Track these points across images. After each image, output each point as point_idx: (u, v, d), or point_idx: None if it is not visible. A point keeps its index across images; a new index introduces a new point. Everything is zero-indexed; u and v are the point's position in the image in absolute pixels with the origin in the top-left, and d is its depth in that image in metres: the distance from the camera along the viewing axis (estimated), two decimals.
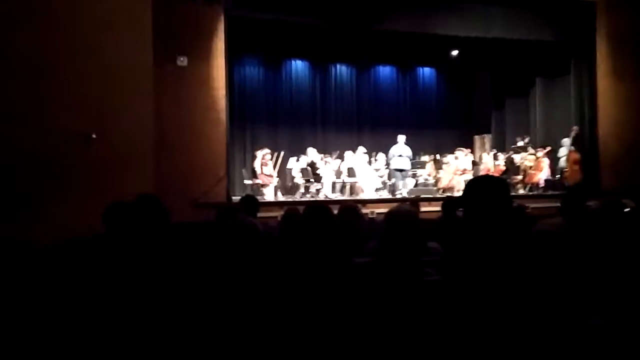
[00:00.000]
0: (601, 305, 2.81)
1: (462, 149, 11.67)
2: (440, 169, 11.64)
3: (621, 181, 9.36)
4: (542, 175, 10.82)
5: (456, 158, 11.34)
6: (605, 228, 3.64)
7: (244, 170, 11.22)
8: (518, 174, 10.93)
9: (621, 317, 2.62)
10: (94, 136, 6.43)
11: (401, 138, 10.46)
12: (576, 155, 10.37)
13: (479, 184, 1.90)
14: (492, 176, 2.10)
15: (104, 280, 1.91)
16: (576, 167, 10.34)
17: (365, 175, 10.56)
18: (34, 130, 6.01)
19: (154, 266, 1.97)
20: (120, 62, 6.73)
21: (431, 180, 11.48)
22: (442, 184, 11.15)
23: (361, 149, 11.02)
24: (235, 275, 1.99)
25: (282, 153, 10.71)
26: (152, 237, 2.04)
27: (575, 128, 10.53)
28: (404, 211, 2.06)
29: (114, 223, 2.00)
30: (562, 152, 10.76)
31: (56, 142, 6.15)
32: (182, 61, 8.08)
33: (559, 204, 3.90)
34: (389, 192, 10.71)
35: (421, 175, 11.51)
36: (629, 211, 4.34)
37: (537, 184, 10.83)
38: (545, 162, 10.88)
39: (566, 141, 10.67)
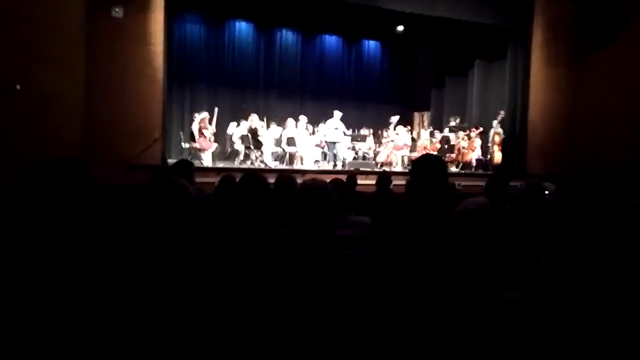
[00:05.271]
0: (517, 280, 3.01)
1: (402, 125, 11.91)
2: (380, 143, 11.86)
3: (546, 165, 9.95)
4: (474, 155, 11.30)
5: (397, 134, 11.56)
6: (526, 208, 3.89)
7: (181, 133, 10.88)
8: (452, 152, 11.34)
9: (535, 291, 2.82)
10: (17, 87, 5.97)
11: (337, 113, 10.47)
12: (498, 137, 10.96)
13: (424, 162, 2.00)
14: (437, 156, 2.19)
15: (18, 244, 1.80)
16: (498, 149, 10.93)
17: (306, 145, 10.56)
18: None
19: (76, 229, 1.88)
20: (50, 9, 6.23)
21: (371, 154, 11.68)
22: (381, 158, 11.37)
23: (303, 119, 10.96)
24: (161, 237, 1.94)
25: (216, 109, 10.36)
26: (75, 199, 1.93)
27: (501, 112, 11.04)
28: (317, 184, 2.08)
29: (32, 185, 1.87)
30: (492, 133, 11.29)
31: None
32: (118, 12, 7.58)
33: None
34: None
35: (360, 149, 11.67)
36: (548, 194, 4.66)
37: (469, 162, 11.31)
38: (478, 142, 11.35)
39: (495, 123, 11.20)
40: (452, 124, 12.13)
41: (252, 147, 10.00)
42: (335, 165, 10.30)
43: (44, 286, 1.58)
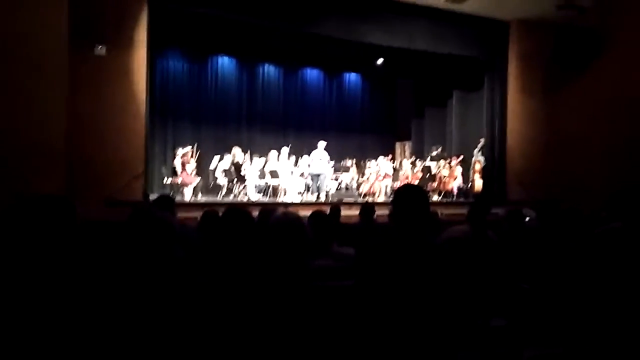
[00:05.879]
0: (501, 307, 3.03)
1: (383, 156, 12.08)
2: (363, 174, 11.97)
3: (525, 192, 10.11)
4: (455, 183, 11.44)
5: (378, 165, 11.70)
6: (507, 234, 3.94)
7: (163, 168, 10.84)
8: (434, 181, 11.48)
9: (519, 318, 2.84)
10: None
11: (321, 144, 10.63)
12: (478, 165, 11.17)
13: (406, 192, 2.03)
14: (417, 186, 2.22)
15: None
16: (478, 176, 11.13)
17: (289, 177, 10.59)
18: None
19: (56, 264, 1.86)
20: (32, 46, 6.26)
21: (354, 185, 11.76)
22: (364, 189, 11.45)
23: (285, 150, 11.02)
24: (145, 272, 1.92)
25: (195, 145, 10.40)
26: (53, 236, 1.91)
27: (482, 140, 11.28)
28: (290, 218, 2.08)
29: (14, 221, 1.86)
30: (473, 161, 11.50)
31: None
32: (101, 50, 7.65)
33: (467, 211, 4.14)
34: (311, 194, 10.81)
35: (342, 180, 11.74)
36: (529, 220, 4.73)
37: (451, 191, 11.43)
38: (458, 170, 11.53)
39: (476, 151, 11.43)
40: (434, 153, 12.33)
41: (235, 181, 9.99)
42: (319, 196, 10.32)
43: (25, 321, 1.55)
